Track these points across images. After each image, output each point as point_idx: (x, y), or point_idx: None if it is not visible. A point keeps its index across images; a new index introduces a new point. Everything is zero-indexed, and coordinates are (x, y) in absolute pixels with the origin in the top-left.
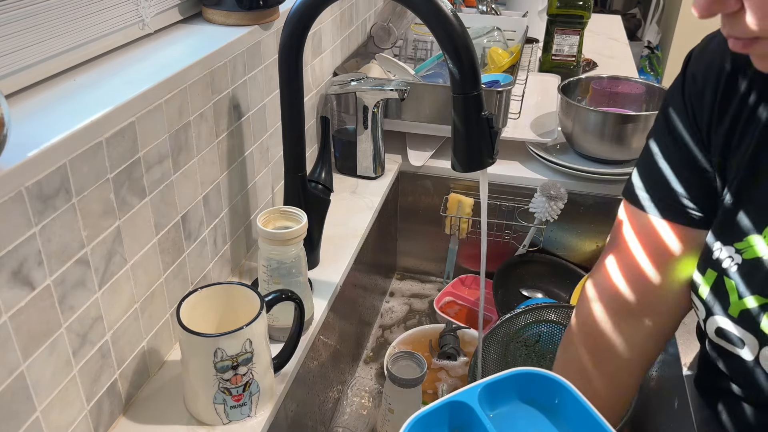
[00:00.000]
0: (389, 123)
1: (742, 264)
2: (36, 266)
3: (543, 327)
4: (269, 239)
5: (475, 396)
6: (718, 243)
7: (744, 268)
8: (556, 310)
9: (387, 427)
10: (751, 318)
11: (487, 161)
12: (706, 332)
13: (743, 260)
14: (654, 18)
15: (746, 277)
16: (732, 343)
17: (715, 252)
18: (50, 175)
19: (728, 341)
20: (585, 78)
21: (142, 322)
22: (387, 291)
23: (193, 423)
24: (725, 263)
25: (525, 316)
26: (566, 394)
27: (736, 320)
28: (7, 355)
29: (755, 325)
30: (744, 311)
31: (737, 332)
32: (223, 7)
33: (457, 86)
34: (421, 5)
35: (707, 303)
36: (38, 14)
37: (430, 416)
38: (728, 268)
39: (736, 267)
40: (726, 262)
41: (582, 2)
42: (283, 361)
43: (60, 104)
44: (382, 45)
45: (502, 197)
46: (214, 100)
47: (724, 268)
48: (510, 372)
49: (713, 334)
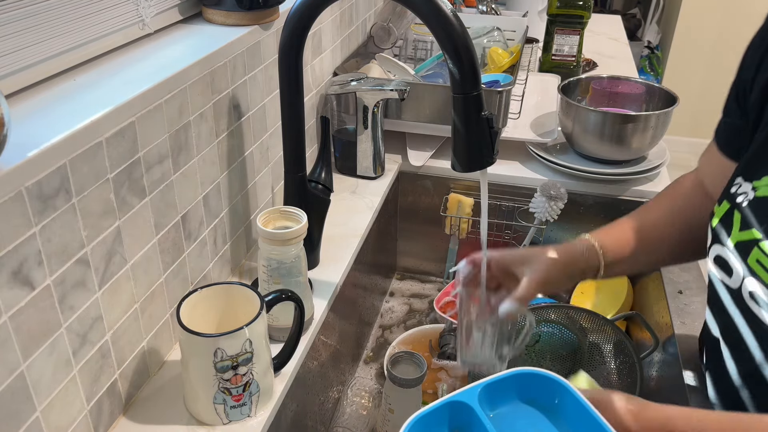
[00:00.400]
0: (389, 123)
1: (753, 200)
2: (36, 266)
3: (543, 327)
4: (269, 239)
5: (475, 396)
6: (740, 178)
7: (753, 204)
8: (556, 310)
9: (387, 427)
10: (743, 249)
11: (487, 161)
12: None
13: (755, 197)
14: (654, 18)
15: (752, 211)
16: (724, 271)
17: (734, 186)
18: (50, 175)
19: (722, 269)
20: (585, 78)
21: (142, 322)
22: (387, 291)
23: (193, 423)
24: (739, 198)
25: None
26: (566, 394)
27: (731, 250)
28: (7, 355)
29: (744, 256)
30: (740, 242)
31: (730, 261)
32: (223, 7)
33: (457, 86)
34: (421, 5)
35: (715, 231)
36: (38, 14)
37: (430, 416)
38: (740, 203)
39: (747, 202)
40: (740, 197)
41: (582, 2)
42: (283, 361)
43: (60, 104)
44: (382, 45)
45: (502, 197)
46: (214, 100)
47: (737, 202)
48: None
49: (712, 263)
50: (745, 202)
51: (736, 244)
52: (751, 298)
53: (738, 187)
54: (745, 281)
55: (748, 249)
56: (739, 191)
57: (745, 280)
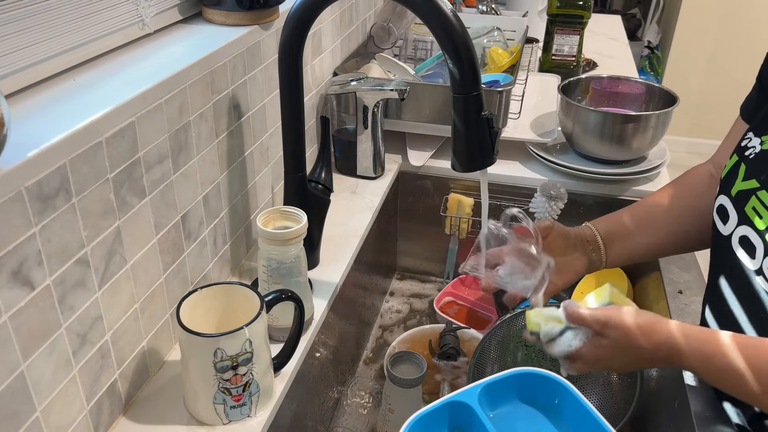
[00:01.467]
0: (389, 123)
1: (758, 153)
2: (36, 266)
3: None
4: (269, 239)
5: (475, 396)
6: (751, 133)
7: (757, 157)
8: None
9: (387, 427)
10: (742, 198)
11: (487, 161)
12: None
13: (760, 150)
14: (654, 18)
15: (755, 163)
16: (722, 219)
17: (745, 140)
18: (50, 175)
19: (721, 218)
20: (585, 78)
21: (142, 322)
22: (387, 291)
23: (193, 423)
24: (747, 151)
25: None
26: (566, 394)
27: (732, 199)
28: (7, 355)
29: (742, 205)
30: (740, 192)
31: (729, 208)
32: (223, 7)
33: (457, 86)
34: (421, 5)
35: (723, 182)
36: (38, 14)
37: (430, 416)
38: (748, 155)
39: (753, 155)
40: (749, 151)
41: (582, 2)
42: (283, 361)
43: (60, 104)
44: (382, 45)
45: (502, 197)
46: (214, 100)
47: (745, 155)
48: (510, 372)
49: (715, 212)
50: (752, 155)
51: (736, 193)
52: (739, 243)
53: (748, 141)
54: (737, 228)
55: (747, 197)
56: (749, 144)
57: (737, 228)
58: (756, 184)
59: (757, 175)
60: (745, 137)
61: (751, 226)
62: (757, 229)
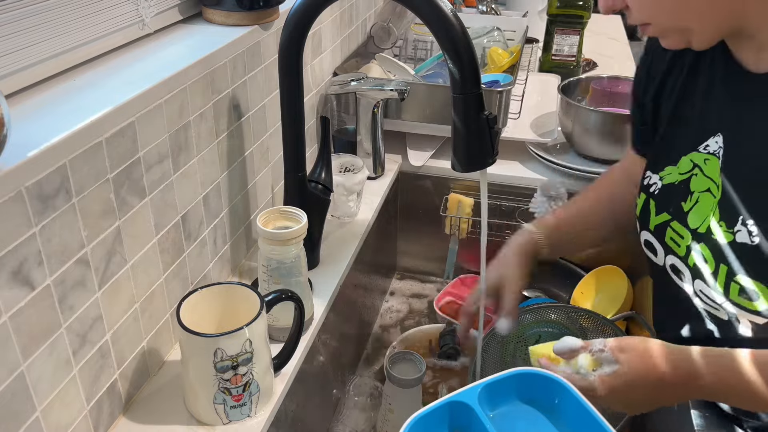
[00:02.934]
0: (389, 123)
1: (661, 188)
2: (36, 266)
3: (543, 327)
4: (269, 239)
5: (475, 396)
6: (649, 171)
7: (661, 192)
8: (556, 310)
9: (387, 427)
10: (660, 231)
11: (487, 161)
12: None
13: (662, 185)
14: None
15: (661, 198)
16: (652, 252)
17: (646, 179)
18: (50, 175)
19: (650, 250)
20: (585, 78)
21: (142, 322)
22: (387, 291)
23: (193, 423)
24: (652, 188)
25: (525, 316)
26: (566, 394)
27: (653, 233)
28: (7, 355)
29: (662, 236)
30: (657, 225)
31: (653, 242)
32: (223, 7)
33: (457, 86)
34: (421, 5)
35: (639, 219)
36: (38, 14)
37: (430, 416)
38: (653, 192)
39: (657, 191)
40: (652, 188)
41: (582, 2)
42: (283, 361)
43: (60, 104)
44: (382, 45)
45: (502, 197)
46: (214, 100)
47: (651, 192)
48: (510, 372)
49: (643, 246)
50: (656, 191)
51: (654, 227)
52: (672, 272)
53: (649, 179)
54: (666, 257)
55: (664, 229)
56: (651, 182)
57: (666, 257)
58: (668, 217)
59: (666, 209)
60: (645, 176)
61: (675, 255)
62: (679, 256)
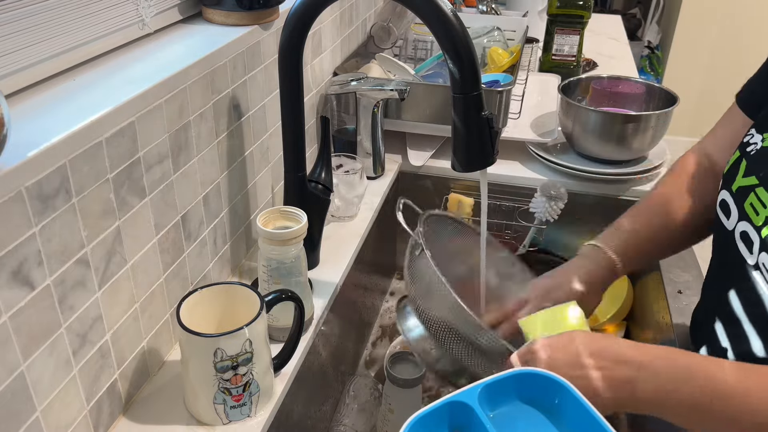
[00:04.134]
0: (389, 123)
1: (759, 150)
2: (36, 266)
3: None
4: (269, 239)
5: (475, 396)
6: (753, 129)
7: (758, 153)
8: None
9: (387, 427)
10: (742, 194)
11: (487, 161)
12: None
13: (761, 147)
14: (654, 18)
15: (755, 160)
16: (726, 213)
17: (747, 137)
18: (50, 175)
19: (724, 212)
20: (585, 78)
21: (142, 322)
22: (387, 291)
23: (193, 423)
24: (749, 147)
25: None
26: (566, 394)
27: (734, 194)
28: (7, 355)
29: (743, 200)
30: (741, 188)
31: (730, 204)
32: (223, 7)
33: (457, 86)
34: (421, 5)
35: (725, 177)
36: (38, 14)
37: (430, 416)
38: (749, 152)
39: (755, 151)
40: (750, 147)
41: (582, 2)
42: (283, 361)
43: (60, 104)
44: (382, 45)
45: (502, 197)
46: (214, 100)
47: (747, 151)
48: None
49: (718, 207)
50: (753, 152)
51: (737, 189)
52: (741, 238)
53: (750, 137)
54: (738, 223)
55: (747, 193)
56: (751, 141)
57: (738, 223)
58: (755, 181)
59: (757, 172)
60: (748, 133)
61: (749, 222)
62: (754, 225)
